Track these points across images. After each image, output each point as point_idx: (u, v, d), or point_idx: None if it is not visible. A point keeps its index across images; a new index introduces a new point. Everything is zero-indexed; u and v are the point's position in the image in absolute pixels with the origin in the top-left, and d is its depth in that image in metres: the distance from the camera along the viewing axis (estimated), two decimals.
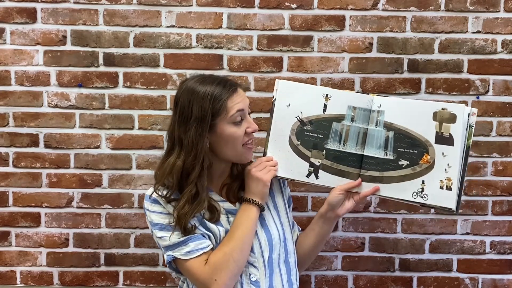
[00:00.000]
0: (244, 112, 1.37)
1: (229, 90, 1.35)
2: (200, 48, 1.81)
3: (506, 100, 1.83)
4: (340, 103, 1.42)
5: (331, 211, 1.44)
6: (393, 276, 1.88)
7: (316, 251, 1.54)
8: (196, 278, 1.33)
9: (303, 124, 1.44)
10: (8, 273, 1.88)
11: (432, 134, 1.36)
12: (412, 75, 1.82)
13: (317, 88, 1.48)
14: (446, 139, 1.35)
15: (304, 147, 1.43)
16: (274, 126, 1.45)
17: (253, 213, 1.37)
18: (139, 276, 1.87)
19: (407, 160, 1.37)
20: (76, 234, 1.86)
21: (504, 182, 1.85)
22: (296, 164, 1.43)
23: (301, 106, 1.44)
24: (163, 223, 1.35)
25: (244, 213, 1.37)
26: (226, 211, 1.41)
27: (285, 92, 1.45)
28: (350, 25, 1.81)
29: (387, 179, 1.39)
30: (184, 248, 1.33)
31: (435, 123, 1.36)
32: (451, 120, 1.35)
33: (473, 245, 1.87)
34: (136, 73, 1.82)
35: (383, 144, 1.39)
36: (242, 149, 1.37)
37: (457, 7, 1.80)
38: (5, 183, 1.85)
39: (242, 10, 1.80)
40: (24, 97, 1.83)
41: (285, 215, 1.49)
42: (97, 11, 1.80)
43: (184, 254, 1.33)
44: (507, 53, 1.82)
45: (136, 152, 1.84)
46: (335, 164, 1.42)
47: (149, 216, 1.38)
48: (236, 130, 1.35)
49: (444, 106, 1.36)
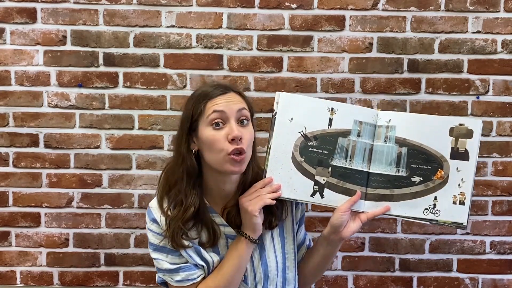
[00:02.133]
0: (225, 115, 1.24)
1: (216, 92, 1.26)
2: (200, 48, 1.81)
3: (506, 100, 1.83)
4: (346, 117, 1.34)
5: (334, 233, 1.31)
6: (393, 276, 1.88)
7: (321, 271, 1.46)
8: None
9: (307, 139, 1.33)
10: (8, 273, 1.88)
11: (447, 149, 1.32)
12: (412, 75, 1.82)
13: (322, 101, 1.37)
14: (462, 154, 1.31)
15: (308, 164, 1.32)
16: (275, 142, 1.33)
17: (242, 249, 1.27)
18: (139, 276, 1.87)
19: (420, 176, 1.32)
20: (76, 234, 1.86)
21: (504, 182, 1.85)
22: (300, 183, 1.32)
23: (305, 120, 1.33)
24: (158, 244, 1.32)
25: (233, 247, 1.29)
26: (226, 236, 1.33)
27: (287, 105, 1.34)
28: (350, 25, 1.81)
29: (397, 196, 1.32)
30: (175, 276, 1.31)
31: (451, 138, 1.32)
32: (468, 136, 1.31)
33: (473, 245, 1.87)
34: (136, 73, 1.82)
35: (394, 161, 1.33)
36: (224, 157, 1.23)
37: (457, 7, 1.80)
38: (5, 183, 1.85)
39: (242, 10, 1.80)
40: (24, 97, 1.83)
41: (291, 241, 1.39)
42: (97, 11, 1.80)
43: (174, 282, 1.31)
44: (507, 53, 1.82)
45: (136, 152, 1.84)
46: (341, 182, 1.32)
47: (147, 233, 1.34)
48: (214, 134, 1.23)
49: (461, 122, 1.32)
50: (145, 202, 1.85)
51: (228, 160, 1.23)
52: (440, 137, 1.33)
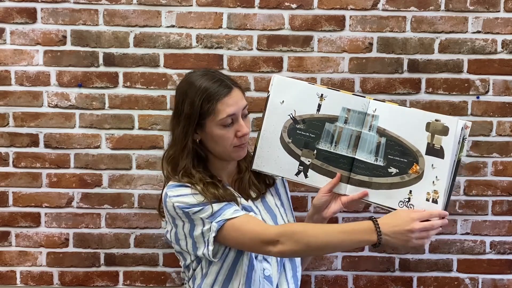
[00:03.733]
0: (236, 116, 1.33)
1: (223, 91, 1.32)
2: (200, 48, 1.81)
3: (506, 100, 1.83)
4: (334, 104, 1.39)
5: (317, 213, 1.40)
6: (393, 276, 1.88)
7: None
8: (256, 233, 1.27)
9: (295, 122, 1.41)
10: (8, 273, 1.88)
11: (423, 144, 1.32)
12: (412, 75, 1.82)
13: (313, 87, 1.43)
14: (437, 151, 1.31)
15: (295, 146, 1.41)
16: (266, 122, 1.42)
17: (365, 241, 1.25)
18: (139, 276, 1.87)
19: (396, 168, 1.34)
20: (76, 234, 1.86)
21: (504, 182, 1.85)
22: (286, 162, 1.41)
23: (295, 104, 1.41)
24: (200, 201, 1.30)
25: (361, 231, 1.24)
26: (242, 207, 1.38)
27: (280, 88, 1.42)
28: (350, 25, 1.81)
29: (375, 185, 1.36)
30: (228, 211, 1.29)
31: (427, 133, 1.32)
32: (443, 133, 1.30)
33: (473, 245, 1.87)
34: (136, 73, 1.82)
35: (374, 149, 1.36)
36: (232, 149, 1.35)
37: (457, 7, 1.80)
38: (5, 183, 1.85)
39: (242, 10, 1.80)
40: (24, 97, 1.83)
41: (290, 212, 1.50)
42: (97, 11, 1.80)
43: (233, 213, 1.29)
44: (507, 53, 1.82)
45: (136, 152, 1.84)
46: (325, 165, 1.39)
47: (181, 200, 1.31)
48: (225, 133, 1.33)
49: (437, 118, 1.31)
50: (145, 202, 1.85)
51: (234, 150, 1.35)
52: (417, 131, 1.33)
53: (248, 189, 1.42)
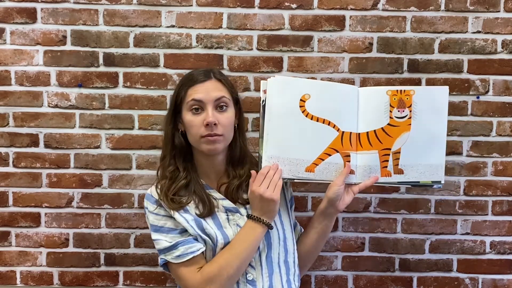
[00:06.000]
0: (203, 103, 1.37)
1: (198, 79, 1.39)
2: (200, 48, 1.81)
3: (506, 100, 1.83)
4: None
5: (331, 206, 1.43)
6: (393, 276, 1.88)
7: (317, 249, 1.54)
8: (186, 284, 1.34)
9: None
10: (8, 273, 1.88)
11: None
12: (412, 75, 1.82)
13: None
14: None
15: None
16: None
17: (260, 233, 1.34)
18: (139, 276, 1.87)
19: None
20: (76, 234, 1.86)
21: (504, 182, 1.85)
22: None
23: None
24: (158, 225, 1.37)
25: (250, 231, 1.34)
26: (226, 209, 1.40)
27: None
28: (350, 25, 1.81)
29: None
30: (174, 252, 1.34)
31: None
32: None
33: (473, 245, 1.87)
34: (136, 73, 1.82)
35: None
36: (200, 139, 1.37)
37: (457, 7, 1.80)
38: (5, 183, 1.85)
39: (242, 10, 1.80)
40: (24, 97, 1.83)
41: (286, 215, 1.48)
42: (97, 11, 1.80)
43: (174, 258, 1.34)
44: (507, 53, 1.82)
45: (136, 152, 1.84)
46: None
47: (148, 216, 1.40)
48: (193, 119, 1.37)
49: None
50: None
51: (203, 141, 1.37)
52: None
53: (236, 192, 1.43)
